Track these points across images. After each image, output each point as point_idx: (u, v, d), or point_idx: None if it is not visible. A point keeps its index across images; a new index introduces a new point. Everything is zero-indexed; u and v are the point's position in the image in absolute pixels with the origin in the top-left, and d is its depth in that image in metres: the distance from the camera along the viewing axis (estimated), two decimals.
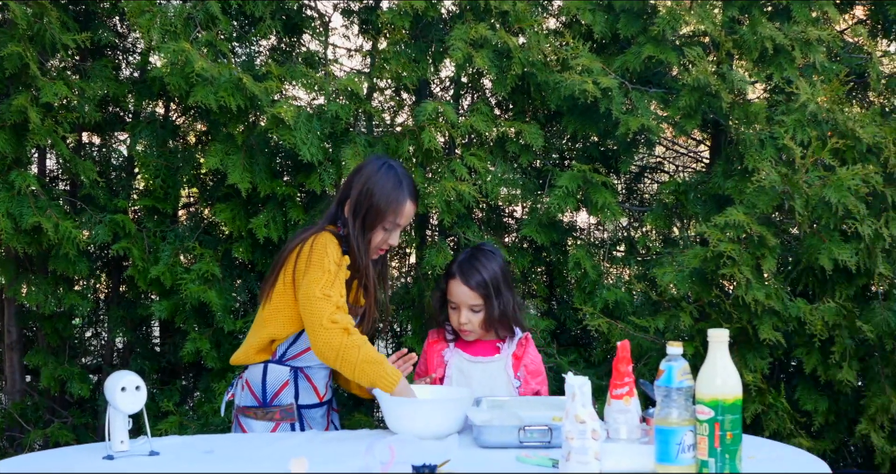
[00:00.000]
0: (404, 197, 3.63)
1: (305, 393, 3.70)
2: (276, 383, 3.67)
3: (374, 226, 3.62)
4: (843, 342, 4.55)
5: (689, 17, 4.73)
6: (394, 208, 3.61)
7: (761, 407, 4.55)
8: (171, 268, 4.97)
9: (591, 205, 4.85)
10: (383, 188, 3.61)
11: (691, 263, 4.56)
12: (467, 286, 3.83)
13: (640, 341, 4.72)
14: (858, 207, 4.40)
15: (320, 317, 3.41)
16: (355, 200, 3.62)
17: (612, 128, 4.86)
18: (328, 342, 3.39)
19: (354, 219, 3.61)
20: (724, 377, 2.76)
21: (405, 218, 3.67)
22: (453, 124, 4.82)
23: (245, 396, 3.72)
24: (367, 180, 3.63)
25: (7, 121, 4.69)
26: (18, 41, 4.58)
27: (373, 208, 3.60)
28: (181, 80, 4.60)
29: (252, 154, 4.87)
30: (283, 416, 3.65)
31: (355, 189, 3.64)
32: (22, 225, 4.70)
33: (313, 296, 3.44)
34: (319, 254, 3.51)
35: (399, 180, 3.63)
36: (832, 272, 4.50)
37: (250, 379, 3.71)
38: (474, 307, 3.84)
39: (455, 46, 4.70)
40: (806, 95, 4.56)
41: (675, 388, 2.80)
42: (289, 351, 3.65)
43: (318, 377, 3.73)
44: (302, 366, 3.69)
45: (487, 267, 3.86)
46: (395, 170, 3.66)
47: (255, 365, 3.71)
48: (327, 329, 3.40)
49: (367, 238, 3.63)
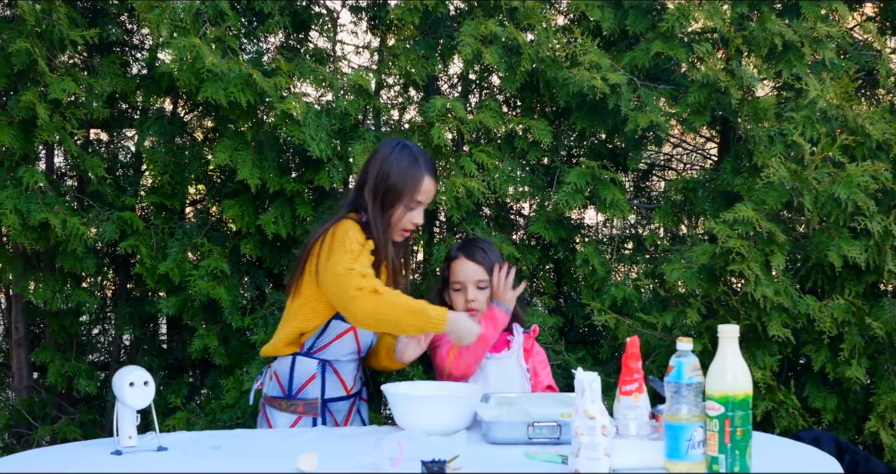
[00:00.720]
0: (421, 172, 3.63)
1: (332, 386, 3.70)
2: (304, 376, 3.68)
3: (394, 204, 3.61)
4: (853, 339, 4.53)
5: (698, 13, 4.72)
6: (411, 186, 3.61)
7: (771, 404, 4.54)
8: (180, 265, 4.96)
9: (600, 202, 4.84)
10: (399, 167, 3.61)
11: (700, 260, 4.55)
12: (472, 261, 3.89)
13: (648, 338, 4.71)
14: (868, 204, 4.38)
15: (347, 289, 3.39)
16: (373, 183, 3.61)
17: (620, 125, 4.85)
18: (363, 308, 3.37)
19: (374, 202, 3.60)
20: (734, 373, 2.76)
21: (425, 194, 3.66)
22: (462, 120, 4.81)
23: (273, 386, 3.73)
24: (382, 161, 3.63)
25: (15, 118, 4.69)
26: (27, 37, 4.58)
27: (391, 188, 3.60)
28: (191, 75, 4.59)
29: (261, 150, 4.87)
30: (305, 410, 3.66)
31: (372, 172, 3.64)
32: (30, 221, 4.70)
33: (337, 274, 3.42)
34: (341, 237, 3.50)
35: (415, 157, 3.64)
36: (841, 269, 4.48)
37: (279, 370, 3.72)
38: (480, 283, 3.89)
39: (464, 42, 4.70)
40: (815, 92, 4.55)
41: (684, 384, 2.80)
42: (317, 342, 3.65)
43: (347, 370, 3.73)
44: (330, 359, 3.69)
45: (488, 249, 3.97)
46: (409, 148, 3.67)
47: (284, 356, 3.71)
48: (356, 297, 3.38)
49: (386, 218, 3.62)
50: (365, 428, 3.66)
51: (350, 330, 3.64)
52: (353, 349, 3.71)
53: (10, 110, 4.72)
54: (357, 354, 3.75)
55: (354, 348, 3.71)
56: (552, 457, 2.99)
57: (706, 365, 2.79)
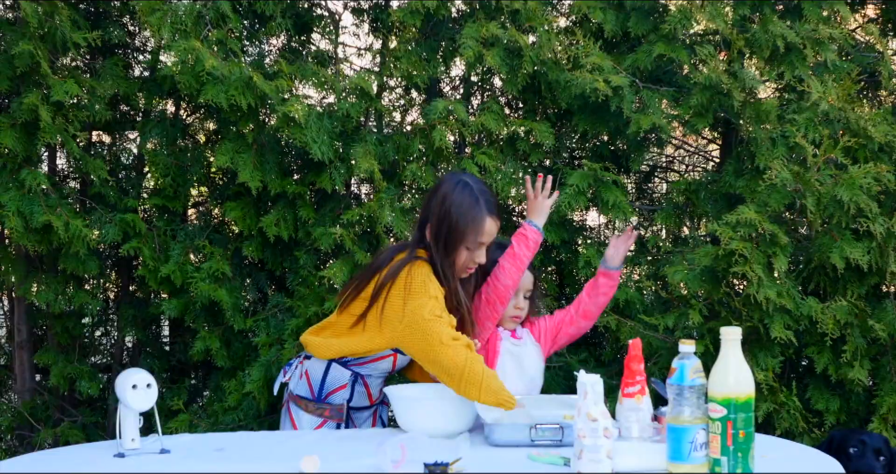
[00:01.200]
0: (482, 214, 3.55)
1: (359, 397, 3.71)
2: (335, 383, 3.67)
3: (457, 246, 3.56)
4: (855, 341, 4.52)
5: (700, 15, 4.72)
6: (473, 227, 3.54)
7: (773, 405, 4.53)
8: (182, 267, 4.97)
9: (602, 203, 4.84)
10: (460, 207, 3.54)
11: (702, 261, 4.55)
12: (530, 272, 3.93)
13: (650, 339, 4.71)
14: (870, 206, 4.38)
15: (439, 335, 3.35)
16: (435, 223, 3.56)
17: (622, 127, 4.85)
18: (453, 358, 3.31)
19: (437, 243, 3.55)
20: (736, 375, 2.76)
21: (487, 235, 3.59)
22: (464, 123, 4.81)
23: (301, 385, 3.72)
24: (443, 201, 3.56)
25: (18, 120, 4.69)
26: (29, 39, 4.58)
27: (452, 229, 3.53)
28: (192, 78, 4.59)
29: (262, 152, 4.87)
30: (332, 415, 3.66)
31: (433, 212, 3.58)
32: (32, 223, 4.70)
33: (423, 319, 3.38)
34: (422, 281, 3.47)
35: (476, 197, 3.56)
36: (844, 271, 4.47)
37: (311, 371, 3.71)
38: (527, 292, 3.94)
39: (466, 45, 4.70)
40: (818, 94, 4.55)
41: (687, 386, 2.80)
42: (358, 360, 3.65)
43: (374, 384, 3.73)
44: (364, 374, 3.68)
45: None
46: (470, 187, 3.58)
47: (320, 360, 3.69)
48: (449, 345, 3.33)
49: (450, 260, 3.57)
50: (368, 430, 3.67)
51: (392, 355, 3.64)
52: (388, 369, 3.71)
53: (12, 112, 4.72)
54: (390, 373, 3.75)
55: (389, 368, 3.71)
56: (555, 460, 2.99)
57: (708, 366, 2.79)
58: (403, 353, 3.62)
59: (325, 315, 4.64)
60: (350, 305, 3.61)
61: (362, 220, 4.79)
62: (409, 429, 3.32)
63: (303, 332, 3.85)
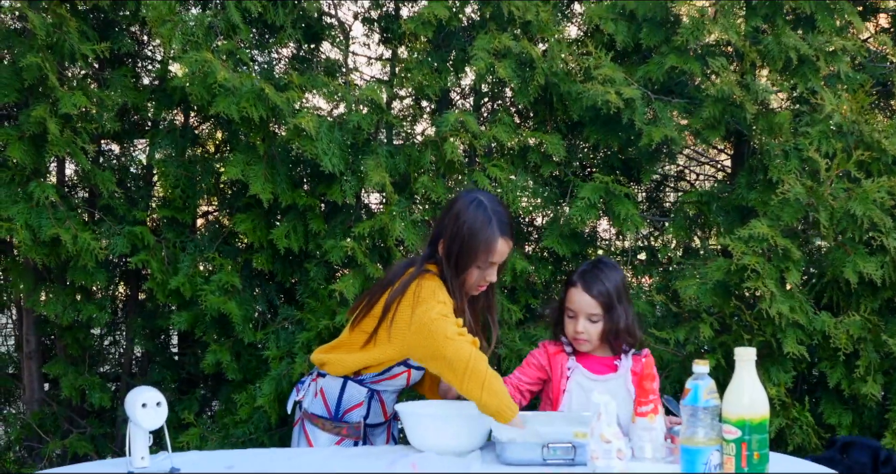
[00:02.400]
0: (495, 234, 3.52)
1: (374, 414, 3.68)
2: (352, 401, 3.64)
3: (468, 265, 3.53)
4: (868, 356, 4.51)
5: (712, 27, 4.69)
6: (485, 247, 3.51)
7: (785, 421, 4.51)
8: (191, 279, 4.95)
9: (613, 216, 4.82)
10: (472, 226, 3.51)
11: (714, 276, 4.52)
12: (589, 294, 3.70)
13: (661, 353, 4.68)
14: (884, 220, 4.36)
15: (444, 330, 3.34)
16: (447, 241, 3.54)
17: (634, 138, 4.83)
18: (458, 351, 3.30)
19: (448, 260, 3.53)
20: (751, 396, 2.74)
21: (499, 255, 3.56)
22: (475, 135, 4.79)
23: (316, 404, 3.69)
24: (456, 218, 3.53)
25: (26, 132, 4.67)
26: (37, 52, 4.57)
27: (464, 248, 3.51)
28: (203, 90, 4.58)
29: (273, 164, 4.85)
30: (349, 433, 3.63)
31: (447, 228, 3.55)
32: (41, 236, 4.69)
33: (430, 320, 3.37)
34: (430, 291, 3.45)
35: (489, 217, 3.52)
36: (857, 285, 4.46)
37: (326, 389, 3.67)
38: (593, 316, 3.71)
39: (477, 56, 4.68)
40: (831, 106, 4.52)
41: (701, 407, 2.78)
42: (374, 377, 3.63)
43: (389, 399, 3.71)
44: (379, 390, 3.66)
45: (610, 277, 3.75)
46: (484, 205, 3.55)
47: (335, 377, 3.66)
48: (454, 339, 3.33)
49: (461, 279, 3.55)
50: (380, 447, 3.64)
51: (406, 372, 3.62)
52: (403, 384, 3.69)
53: (20, 125, 4.71)
54: (404, 388, 3.73)
55: (403, 384, 3.69)
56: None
57: (719, 380, 2.77)
58: (416, 368, 3.60)
59: (335, 328, 4.62)
60: (361, 322, 3.59)
61: (373, 233, 4.76)
62: (421, 447, 3.29)
63: (313, 346, 3.83)
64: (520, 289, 5.04)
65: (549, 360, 3.81)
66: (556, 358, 3.80)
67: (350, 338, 3.63)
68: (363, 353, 3.58)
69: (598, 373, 3.76)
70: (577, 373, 3.76)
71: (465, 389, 3.29)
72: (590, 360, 3.79)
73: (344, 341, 3.67)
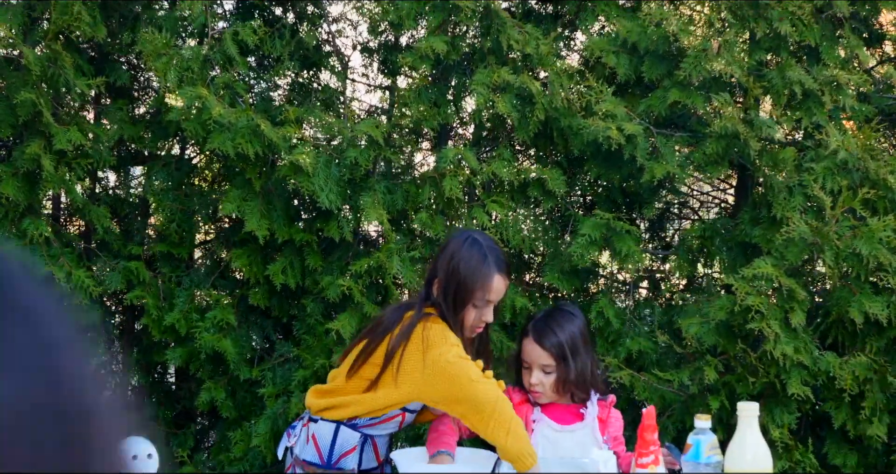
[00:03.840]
0: (491, 271, 3.47)
1: (368, 457, 3.61)
2: (345, 447, 3.57)
3: (465, 304, 3.47)
4: (874, 396, 4.44)
5: (716, 61, 4.63)
6: (481, 285, 3.46)
7: (788, 463, 4.45)
8: (186, 315, 4.89)
9: (615, 252, 4.76)
10: (468, 265, 3.46)
11: (717, 316, 4.46)
12: (540, 346, 3.65)
13: (664, 393, 4.62)
14: (890, 259, 4.30)
15: (468, 373, 3.29)
16: (444, 280, 3.49)
17: (636, 173, 4.77)
18: (485, 393, 3.26)
19: (445, 300, 3.48)
20: (754, 452, 2.71)
21: (495, 293, 3.51)
22: (474, 171, 4.74)
23: (308, 450, 3.61)
24: (451, 258, 3.49)
25: (20, 169, 4.62)
26: (32, 87, 4.52)
27: (461, 286, 3.45)
28: (198, 126, 4.53)
29: (269, 199, 4.80)
30: None
31: (441, 268, 3.51)
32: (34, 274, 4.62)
33: (448, 363, 3.31)
34: (440, 333, 3.40)
35: (484, 254, 3.48)
36: (863, 325, 4.40)
37: (318, 435, 3.60)
38: (546, 368, 3.65)
39: (477, 91, 4.63)
40: (836, 142, 4.47)
41: (703, 463, 2.74)
42: (368, 421, 3.57)
43: (382, 442, 3.65)
44: (373, 435, 3.60)
45: (564, 328, 3.68)
46: (479, 244, 3.51)
47: (327, 422, 3.59)
48: (480, 381, 3.28)
49: (459, 318, 3.49)
50: None
51: (400, 415, 3.55)
52: (396, 428, 3.64)
53: (14, 161, 4.65)
54: (396, 430, 3.68)
55: (396, 428, 3.63)
56: None
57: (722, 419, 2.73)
58: (411, 411, 3.54)
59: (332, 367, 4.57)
60: (360, 370, 3.53)
61: (371, 270, 4.70)
62: None
63: (310, 384, 3.77)
64: (519, 325, 4.97)
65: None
66: (521, 408, 3.72)
67: (348, 385, 3.57)
68: (367, 398, 3.51)
69: (564, 424, 3.70)
70: (543, 425, 3.69)
71: (490, 433, 3.24)
72: (555, 410, 3.72)
73: (341, 387, 3.60)
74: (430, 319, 3.46)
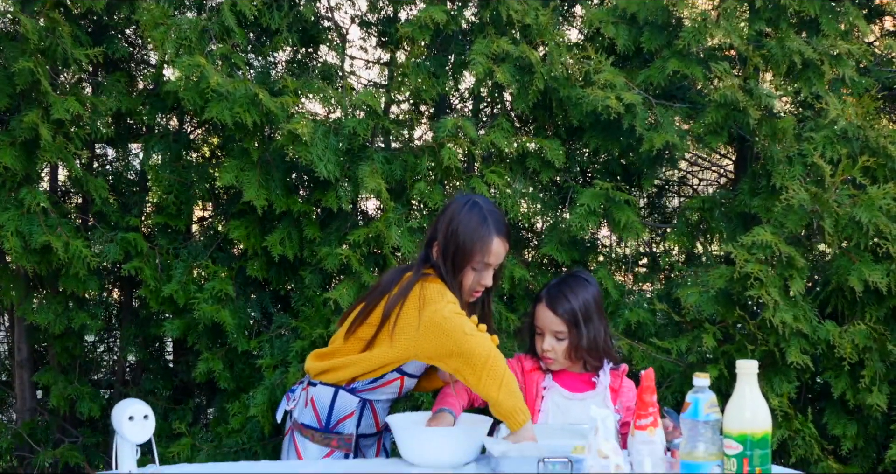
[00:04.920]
0: (490, 234, 3.48)
1: (367, 423, 3.62)
2: (343, 411, 3.57)
3: (463, 266, 3.48)
4: (874, 365, 4.42)
5: (715, 31, 4.62)
6: (480, 247, 3.46)
7: (788, 432, 4.43)
8: (184, 287, 4.88)
9: (614, 223, 4.75)
10: (468, 227, 3.47)
11: (716, 284, 4.45)
12: (553, 312, 3.64)
13: (663, 363, 4.61)
14: (890, 227, 4.29)
15: (462, 327, 3.29)
16: (443, 243, 3.49)
17: (635, 144, 4.76)
18: (477, 346, 3.25)
19: (444, 262, 3.48)
20: (753, 410, 2.67)
21: (494, 256, 3.51)
22: (473, 141, 4.72)
23: (307, 414, 3.62)
24: (451, 220, 3.49)
25: (18, 138, 4.61)
26: (30, 56, 4.51)
27: (460, 249, 3.46)
28: (196, 95, 4.51)
29: (267, 170, 4.79)
30: (339, 444, 3.56)
31: (441, 231, 3.51)
32: (31, 244, 4.63)
33: (443, 319, 3.31)
34: (438, 290, 3.41)
35: (484, 217, 3.49)
36: (862, 293, 4.38)
37: (317, 398, 3.60)
38: (558, 334, 3.64)
39: (476, 61, 4.62)
40: (836, 111, 4.45)
41: (701, 421, 2.71)
42: (366, 385, 3.56)
43: (381, 409, 3.65)
44: (372, 399, 3.60)
45: (578, 294, 3.66)
46: (479, 206, 3.52)
47: (326, 386, 3.59)
48: (473, 334, 3.28)
49: (458, 280, 3.50)
50: (371, 461, 3.57)
51: (399, 379, 3.56)
52: (395, 393, 3.63)
53: (12, 131, 4.64)
54: (396, 396, 3.67)
55: (396, 392, 3.63)
56: None
57: (722, 390, 2.70)
58: (410, 375, 3.55)
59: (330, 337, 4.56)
60: (357, 331, 3.53)
61: (369, 240, 4.69)
62: (413, 461, 3.22)
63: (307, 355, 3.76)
64: (518, 297, 4.97)
65: (524, 377, 3.73)
66: (532, 375, 3.72)
67: (346, 346, 3.57)
68: (362, 358, 3.51)
69: (575, 391, 3.69)
70: (554, 392, 3.68)
71: (482, 386, 3.23)
72: (566, 378, 3.71)
73: (339, 348, 3.60)
74: (429, 279, 3.46)
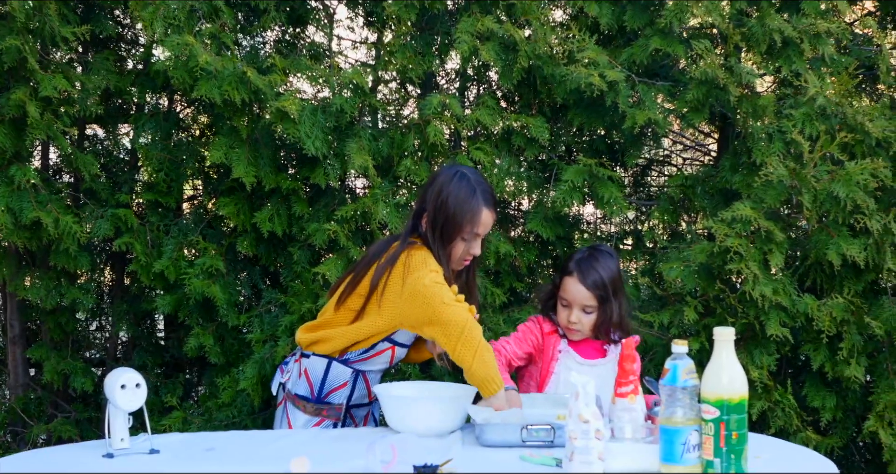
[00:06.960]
0: (479, 205, 3.53)
1: (359, 394, 3.68)
2: (336, 382, 3.64)
3: (453, 237, 3.54)
4: (852, 338, 4.50)
5: (696, 9, 4.68)
6: (469, 217, 3.52)
7: (767, 404, 4.51)
8: (175, 263, 4.94)
9: (598, 199, 4.81)
10: (457, 198, 3.52)
11: (698, 258, 4.52)
12: (584, 285, 3.68)
13: (646, 336, 4.67)
14: (867, 202, 4.35)
15: (441, 296, 3.33)
16: (431, 213, 3.55)
17: (618, 122, 4.82)
18: (454, 315, 3.30)
19: (433, 232, 3.54)
20: (730, 376, 2.73)
21: (483, 226, 3.57)
22: (459, 118, 4.78)
23: (300, 384, 3.68)
24: (440, 191, 3.54)
25: (6, 115, 4.65)
26: (17, 34, 4.54)
27: (449, 219, 3.52)
28: (185, 73, 4.56)
29: (256, 147, 4.84)
30: (329, 414, 3.63)
31: (430, 201, 3.56)
32: (22, 220, 4.67)
33: (423, 286, 3.37)
34: (421, 259, 3.46)
35: (473, 188, 3.54)
36: (840, 267, 4.45)
37: (310, 369, 3.66)
38: (587, 308, 3.70)
39: (461, 39, 4.67)
40: (815, 89, 4.52)
41: (679, 387, 2.77)
42: (359, 356, 3.63)
43: (374, 379, 3.72)
44: (365, 370, 3.66)
45: (606, 266, 3.72)
46: (467, 177, 3.57)
47: (319, 357, 3.65)
48: (451, 304, 3.32)
49: (447, 250, 3.55)
50: (358, 429, 3.63)
51: (390, 348, 3.62)
52: (387, 362, 3.69)
53: (0, 108, 4.68)
54: (387, 366, 3.73)
55: (387, 362, 3.69)
56: (547, 460, 2.96)
57: (703, 364, 2.77)
58: (400, 344, 3.62)
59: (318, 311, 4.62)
60: (347, 301, 3.59)
61: (356, 216, 4.75)
62: (399, 429, 3.29)
63: (297, 329, 3.81)
64: (504, 272, 5.04)
65: (542, 338, 3.79)
66: (549, 338, 3.79)
67: (336, 317, 3.62)
68: (352, 328, 3.58)
69: (588, 357, 3.76)
70: (567, 357, 3.75)
71: (457, 354, 3.30)
72: (581, 344, 3.78)
73: (329, 320, 3.66)
74: (415, 247, 3.52)
